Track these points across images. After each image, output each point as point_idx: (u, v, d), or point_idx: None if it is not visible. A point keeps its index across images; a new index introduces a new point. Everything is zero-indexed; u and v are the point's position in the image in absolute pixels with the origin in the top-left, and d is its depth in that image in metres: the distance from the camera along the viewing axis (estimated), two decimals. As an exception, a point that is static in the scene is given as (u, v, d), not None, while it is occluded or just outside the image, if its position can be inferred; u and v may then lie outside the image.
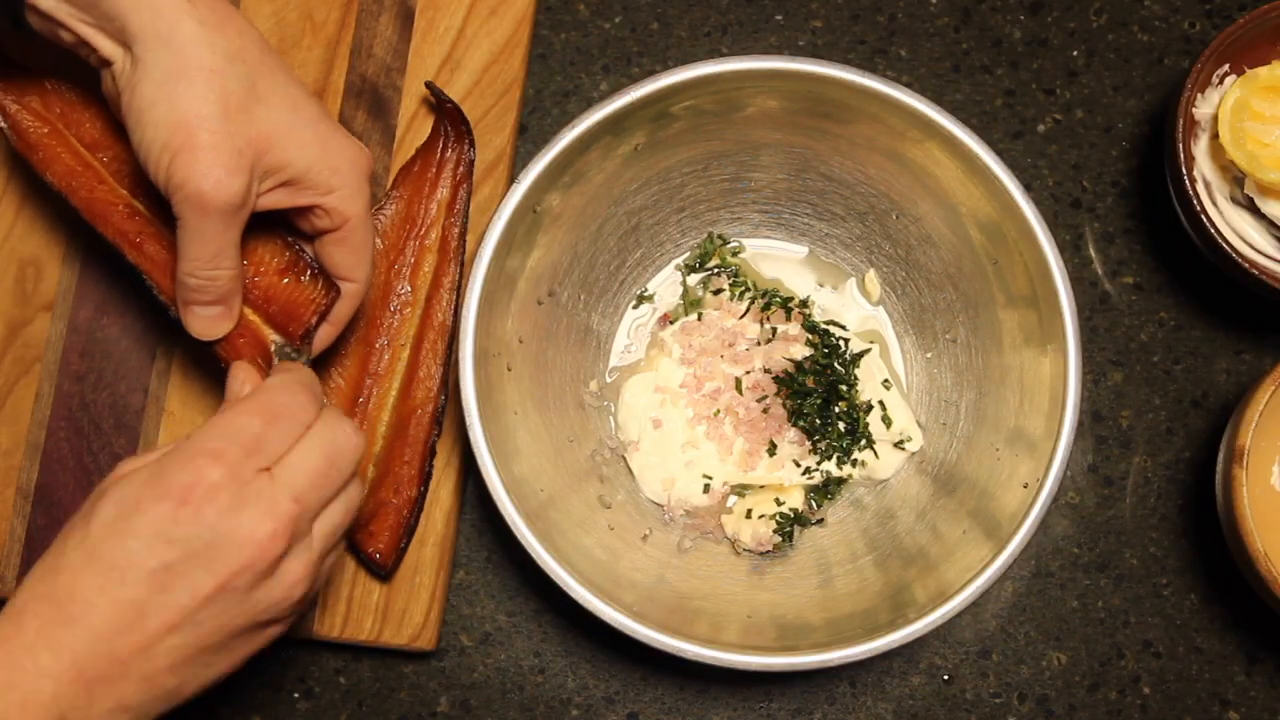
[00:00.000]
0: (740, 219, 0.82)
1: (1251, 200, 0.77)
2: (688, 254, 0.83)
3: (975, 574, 0.69)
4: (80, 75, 0.80)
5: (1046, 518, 0.71)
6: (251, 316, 0.69)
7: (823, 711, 0.81)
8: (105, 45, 0.63)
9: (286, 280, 0.69)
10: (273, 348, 0.69)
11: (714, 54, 0.84)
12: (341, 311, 0.70)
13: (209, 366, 0.79)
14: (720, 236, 0.82)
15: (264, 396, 0.61)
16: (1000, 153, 0.72)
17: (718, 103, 0.74)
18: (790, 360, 0.80)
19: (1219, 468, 0.75)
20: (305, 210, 0.67)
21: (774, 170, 0.79)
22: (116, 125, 0.69)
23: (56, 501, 0.78)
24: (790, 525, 0.79)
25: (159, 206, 0.68)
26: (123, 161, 0.70)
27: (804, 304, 0.81)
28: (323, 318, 0.69)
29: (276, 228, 0.69)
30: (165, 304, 0.69)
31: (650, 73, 0.72)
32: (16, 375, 0.79)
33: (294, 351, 0.69)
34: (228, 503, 0.57)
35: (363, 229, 0.68)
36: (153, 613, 0.56)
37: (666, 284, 0.83)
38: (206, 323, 0.67)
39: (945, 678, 0.81)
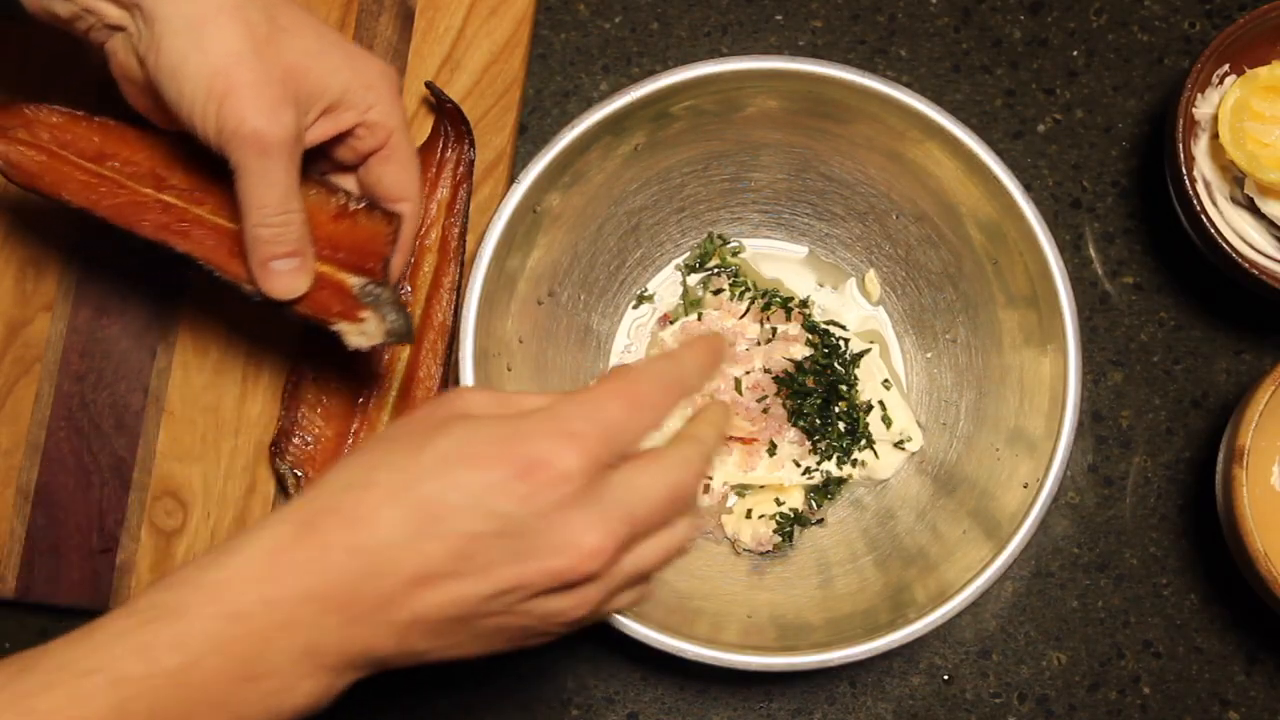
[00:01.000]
0: (740, 219, 0.82)
1: (1251, 200, 0.77)
2: (688, 254, 0.83)
3: (975, 574, 0.69)
4: (59, 94, 0.80)
5: (1046, 518, 0.71)
6: (324, 268, 0.66)
7: (823, 711, 0.81)
8: (110, 10, 0.61)
9: (345, 223, 0.67)
10: (355, 291, 0.66)
11: (714, 54, 0.84)
12: (406, 235, 0.68)
13: (209, 366, 0.79)
14: (720, 236, 0.82)
15: (630, 380, 0.55)
16: (1000, 153, 0.72)
17: (718, 103, 0.74)
18: (790, 360, 0.80)
19: (1219, 468, 0.75)
20: (346, 136, 0.65)
21: (774, 170, 0.79)
22: (115, 131, 0.68)
23: (56, 501, 0.78)
24: (790, 525, 0.79)
25: (190, 192, 0.67)
26: (133, 164, 0.68)
27: (804, 304, 0.82)
28: (392, 245, 0.67)
29: (312, 177, 0.68)
30: (231, 282, 0.66)
31: (650, 73, 0.72)
32: (16, 375, 0.79)
33: (376, 287, 0.66)
34: (568, 497, 0.51)
35: (406, 142, 0.66)
36: (441, 577, 0.50)
37: (666, 284, 0.83)
38: (288, 278, 0.64)
39: (945, 678, 0.81)
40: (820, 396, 0.79)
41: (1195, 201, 0.76)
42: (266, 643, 0.49)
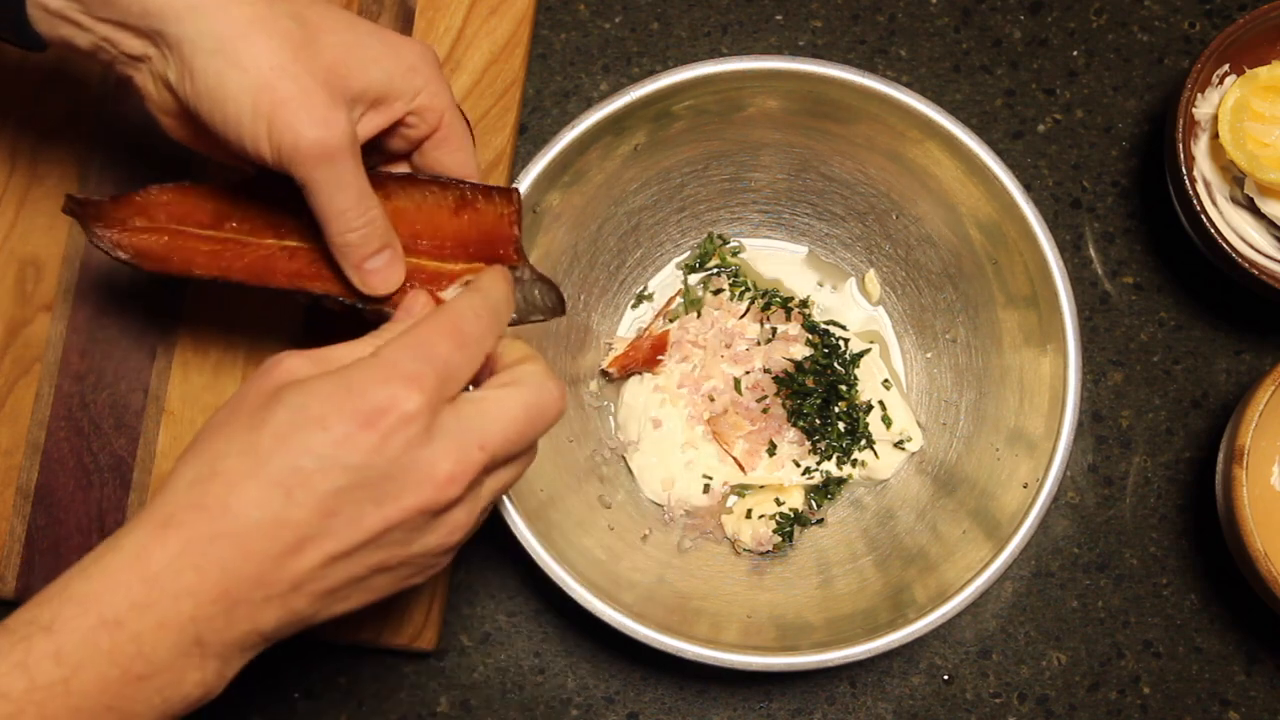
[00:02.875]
0: (740, 219, 0.82)
1: (1251, 200, 0.77)
2: (688, 254, 0.83)
3: (975, 574, 0.69)
4: (58, 99, 0.80)
5: (1046, 518, 0.71)
6: (456, 266, 0.65)
7: (823, 711, 0.81)
8: (129, 41, 0.59)
9: (467, 214, 0.64)
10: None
11: (714, 54, 0.84)
12: None
13: (209, 366, 0.79)
14: (720, 236, 0.82)
15: (452, 318, 0.56)
16: (1000, 153, 0.72)
17: (718, 103, 0.74)
18: (790, 360, 0.80)
19: (1219, 468, 0.75)
20: (397, 126, 0.63)
21: (774, 170, 0.79)
22: (225, 191, 0.65)
23: (56, 501, 0.78)
24: (790, 525, 0.79)
25: (304, 229, 0.64)
26: (251, 220, 0.65)
27: (804, 304, 0.82)
28: (519, 223, 0.64)
29: (417, 177, 0.65)
30: (352, 305, 0.64)
31: (650, 73, 0.72)
32: (16, 375, 0.79)
33: (516, 270, 0.64)
34: (416, 436, 0.52)
35: (458, 120, 0.64)
36: (312, 540, 0.51)
37: (666, 284, 0.83)
38: (384, 274, 0.62)
39: (945, 678, 0.81)
40: (820, 396, 0.79)
41: (1195, 201, 0.76)
42: (145, 644, 0.50)
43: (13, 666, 0.49)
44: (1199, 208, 0.76)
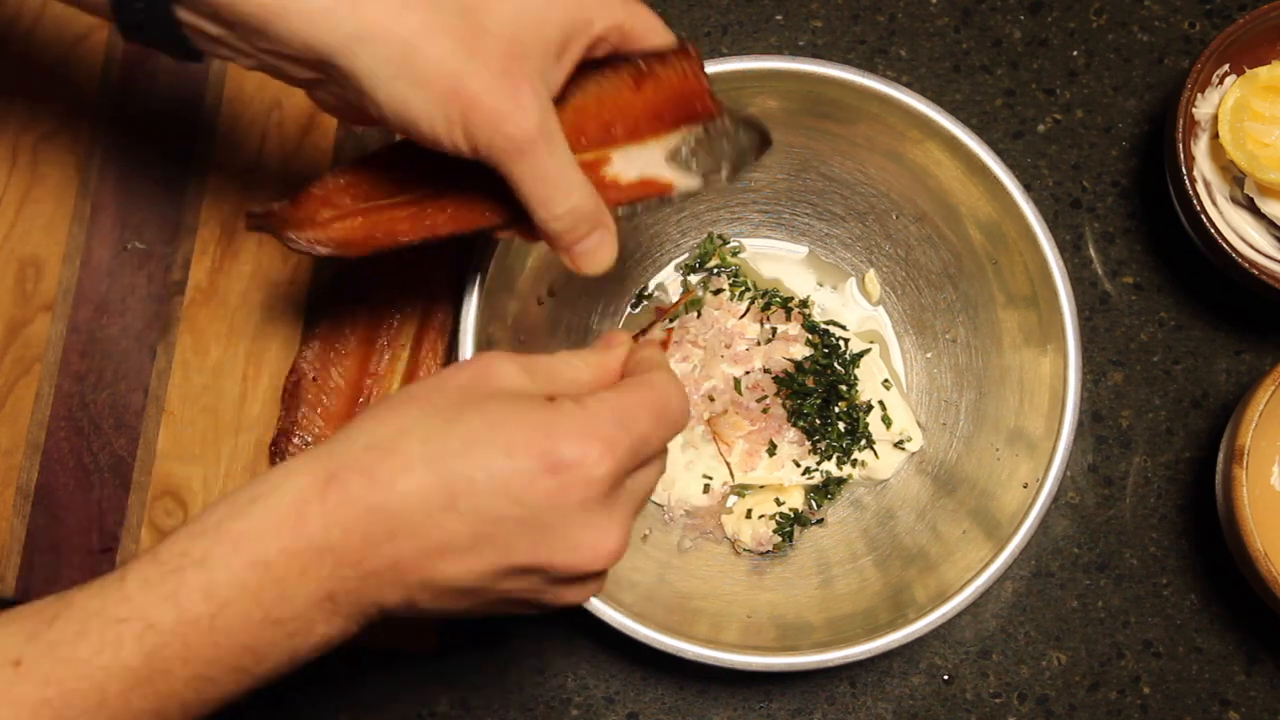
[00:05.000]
0: (740, 219, 0.82)
1: (1251, 200, 0.77)
2: (688, 254, 0.83)
3: (975, 574, 0.69)
4: (63, 93, 0.80)
5: (1046, 518, 0.71)
6: (660, 138, 0.62)
7: (823, 711, 0.81)
8: (295, 70, 0.57)
9: (649, 86, 0.62)
10: (683, 150, 0.62)
11: (714, 54, 0.84)
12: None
13: (209, 366, 0.79)
14: (720, 236, 0.82)
15: (657, 392, 0.56)
16: (1000, 153, 0.72)
17: (718, 103, 0.74)
18: (790, 360, 0.80)
19: (1219, 468, 0.75)
20: (580, 60, 0.60)
21: (774, 170, 0.79)
22: (398, 151, 0.63)
23: (56, 501, 0.78)
24: (790, 525, 0.79)
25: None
26: (435, 174, 0.63)
27: (804, 304, 0.82)
28: (704, 73, 0.62)
29: (586, 66, 0.61)
30: (539, 237, 0.61)
31: (650, 73, 0.72)
32: (16, 375, 0.79)
33: (716, 122, 0.62)
34: (593, 500, 0.52)
35: (639, 15, 0.61)
36: (456, 551, 0.51)
37: (666, 284, 0.83)
38: (595, 255, 0.62)
39: (945, 678, 0.81)
40: (820, 396, 0.79)
41: (1195, 201, 0.76)
42: (288, 589, 0.51)
43: (163, 598, 0.50)
44: (1199, 208, 0.76)
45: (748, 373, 0.80)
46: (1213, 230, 0.76)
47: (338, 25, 0.54)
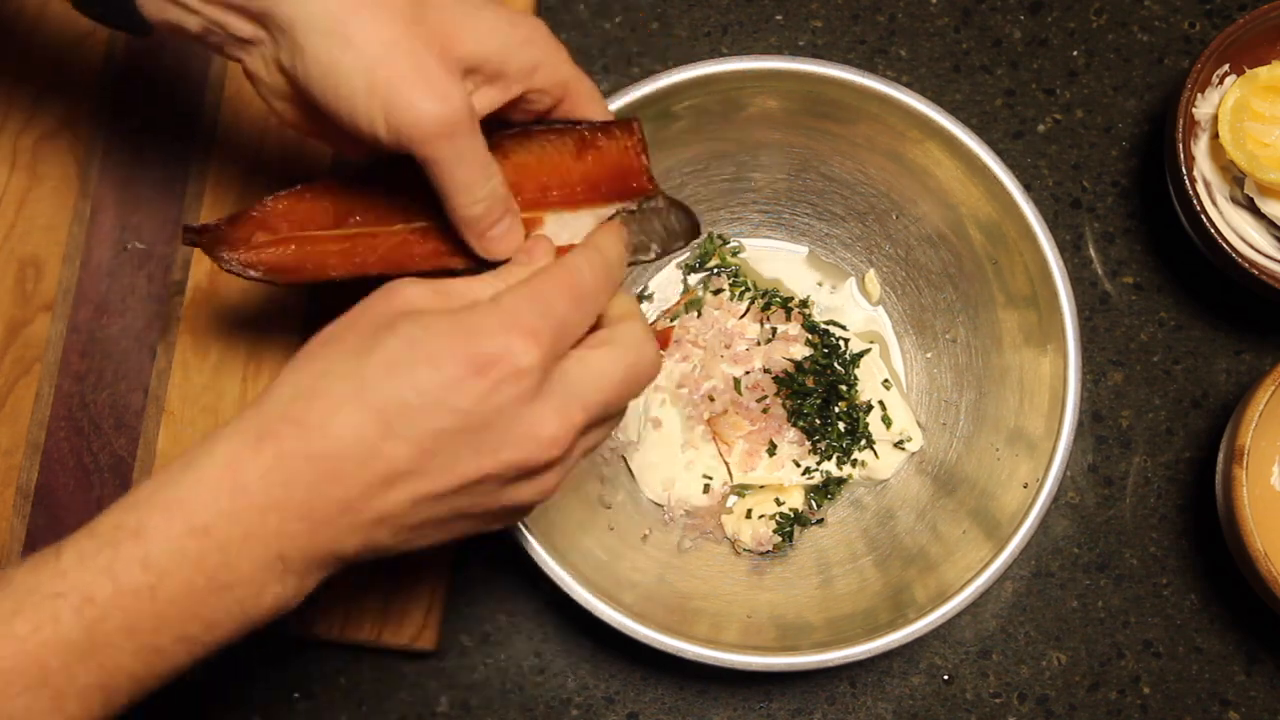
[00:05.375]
0: (740, 219, 0.82)
1: (1251, 200, 0.77)
2: (688, 254, 0.83)
3: (975, 574, 0.69)
4: (61, 92, 0.80)
5: (1046, 518, 0.71)
6: (591, 210, 0.64)
7: (823, 711, 0.81)
8: (239, 25, 0.57)
9: (591, 155, 0.63)
10: (619, 219, 0.64)
11: (714, 54, 0.84)
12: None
13: (209, 366, 0.79)
14: (720, 236, 0.82)
15: (571, 273, 0.55)
16: (1000, 153, 0.72)
17: (718, 102, 0.74)
18: (790, 360, 0.80)
19: (1219, 468, 0.75)
20: (517, 102, 0.61)
21: (774, 170, 0.79)
22: (335, 190, 0.64)
23: (56, 501, 0.78)
24: (790, 525, 0.79)
25: (430, 208, 0.62)
26: (375, 209, 0.64)
27: (804, 304, 0.82)
28: (646, 151, 0.63)
29: (530, 127, 0.63)
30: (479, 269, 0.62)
31: (650, 73, 0.72)
32: (16, 375, 0.79)
33: (649, 200, 0.64)
34: (525, 391, 0.51)
35: (582, 81, 0.62)
36: (403, 477, 0.51)
37: (666, 284, 0.83)
38: (507, 239, 0.61)
39: (945, 678, 0.81)
40: (820, 396, 0.79)
41: (1195, 201, 0.76)
42: (231, 554, 0.50)
43: (99, 571, 0.49)
44: (1199, 208, 0.76)
45: (748, 373, 0.80)
46: (1213, 230, 0.76)
47: None
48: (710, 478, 0.80)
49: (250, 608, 0.51)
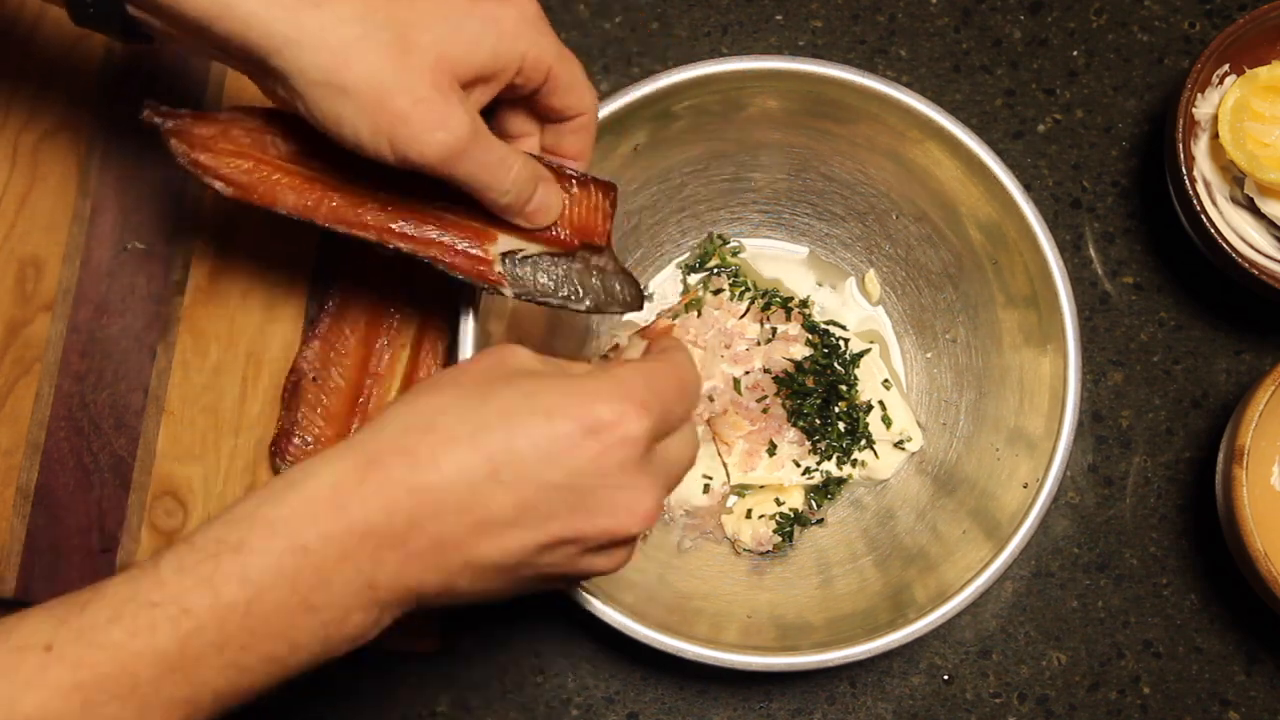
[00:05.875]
0: (740, 219, 0.82)
1: (1251, 200, 0.77)
2: (688, 254, 0.83)
3: (975, 574, 0.69)
4: (62, 90, 0.80)
5: (1046, 518, 0.71)
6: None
7: (823, 711, 0.81)
8: (235, 64, 0.59)
9: (565, 201, 0.65)
10: (580, 269, 0.66)
11: (714, 54, 0.84)
12: (588, 142, 0.67)
13: (209, 366, 0.79)
14: (720, 236, 0.82)
15: (679, 367, 0.57)
16: (1000, 153, 0.72)
17: (718, 102, 0.74)
18: (790, 360, 0.80)
19: (1219, 468, 0.75)
20: (503, 91, 0.63)
21: (774, 170, 0.79)
22: (309, 127, 0.63)
23: (56, 501, 0.78)
24: (790, 525, 0.79)
25: (404, 181, 0.63)
26: (340, 164, 0.64)
27: (804, 304, 0.82)
28: (612, 217, 0.65)
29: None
30: (466, 280, 0.65)
31: (650, 73, 0.72)
32: (16, 375, 0.79)
33: (601, 258, 0.66)
34: (632, 462, 0.52)
35: (566, 66, 0.63)
36: (500, 527, 0.51)
37: (666, 284, 0.83)
38: (545, 207, 0.63)
39: (945, 678, 0.81)
40: (820, 396, 0.79)
41: (1195, 201, 0.76)
42: (326, 576, 0.50)
43: (199, 582, 0.49)
44: (1199, 208, 0.76)
45: (748, 373, 0.80)
46: (1213, 230, 0.76)
47: (273, 29, 0.56)
48: (710, 478, 0.80)
49: (333, 633, 0.51)
